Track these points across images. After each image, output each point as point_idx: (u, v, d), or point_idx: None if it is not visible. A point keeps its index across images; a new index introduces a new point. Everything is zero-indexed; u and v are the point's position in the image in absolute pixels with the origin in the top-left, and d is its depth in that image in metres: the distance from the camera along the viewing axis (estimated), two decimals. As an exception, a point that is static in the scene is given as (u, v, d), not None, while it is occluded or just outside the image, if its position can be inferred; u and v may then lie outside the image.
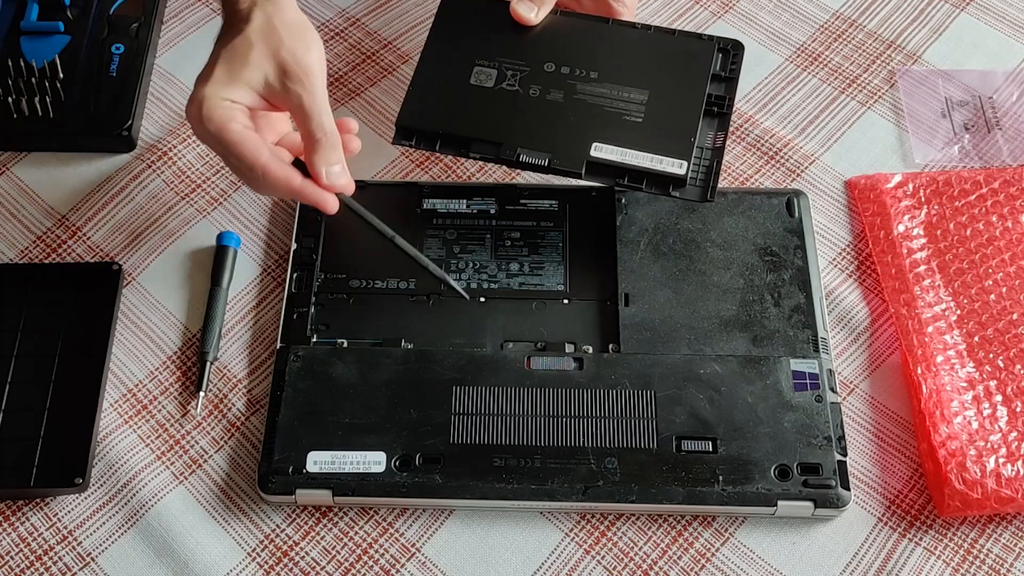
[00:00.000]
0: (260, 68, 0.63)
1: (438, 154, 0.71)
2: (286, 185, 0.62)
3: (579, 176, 0.67)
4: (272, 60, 0.63)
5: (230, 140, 0.61)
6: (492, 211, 0.73)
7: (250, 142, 0.62)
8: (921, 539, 0.62)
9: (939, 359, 0.67)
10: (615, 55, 0.71)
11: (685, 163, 0.67)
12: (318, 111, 0.63)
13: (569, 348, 0.67)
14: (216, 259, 0.72)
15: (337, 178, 0.64)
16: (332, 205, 0.65)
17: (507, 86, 0.69)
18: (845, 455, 0.63)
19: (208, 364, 0.68)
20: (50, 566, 0.61)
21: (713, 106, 0.70)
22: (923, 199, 0.74)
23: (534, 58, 0.71)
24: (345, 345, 0.67)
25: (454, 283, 0.65)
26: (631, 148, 0.67)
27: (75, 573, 0.61)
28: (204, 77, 0.63)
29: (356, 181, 0.73)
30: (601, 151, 0.67)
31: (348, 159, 0.65)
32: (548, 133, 0.68)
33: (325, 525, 0.63)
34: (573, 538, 0.62)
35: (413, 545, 0.62)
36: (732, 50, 0.72)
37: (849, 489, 0.62)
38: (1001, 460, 0.62)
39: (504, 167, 0.76)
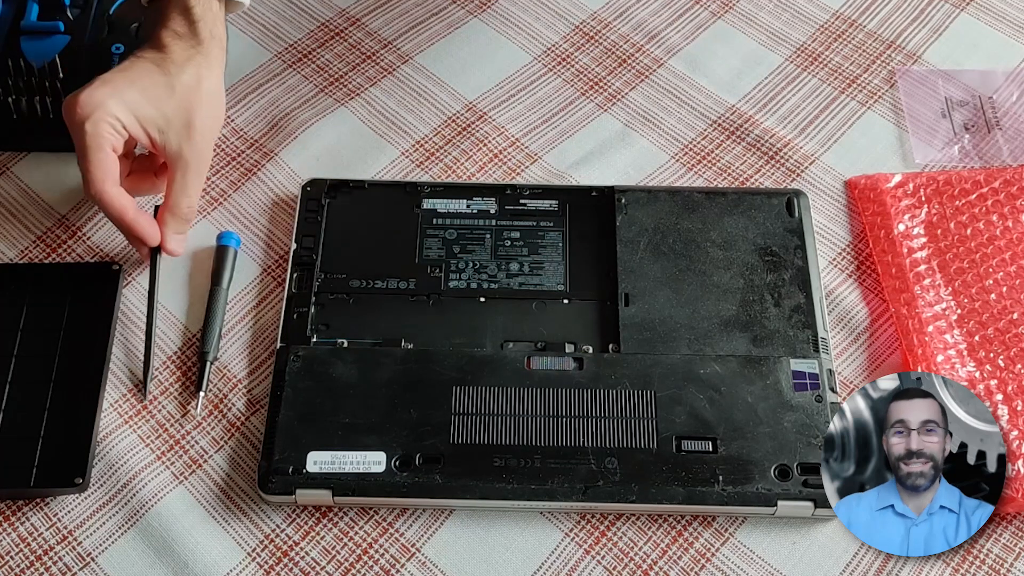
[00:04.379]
0: (167, 120, 0.66)
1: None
2: (119, 214, 0.66)
3: None
4: (182, 119, 0.67)
5: (93, 158, 0.64)
6: (492, 211, 0.73)
7: (104, 167, 0.65)
8: (921, 539, 0.62)
9: (939, 359, 0.67)
10: None
11: None
12: (195, 188, 0.69)
13: (569, 348, 0.67)
14: (216, 259, 0.72)
15: (176, 245, 0.70)
16: (154, 240, 0.68)
17: None
18: (845, 455, 0.63)
19: (208, 364, 0.68)
20: (50, 566, 0.61)
21: None
22: (923, 199, 0.74)
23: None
24: (345, 345, 0.67)
25: None
26: None
27: (75, 573, 0.61)
28: (114, 88, 0.66)
29: (355, 182, 0.74)
30: None
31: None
32: None
33: (325, 525, 0.63)
34: (573, 538, 0.62)
35: (413, 545, 0.62)
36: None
37: (849, 489, 0.62)
38: (1001, 460, 0.62)
39: (506, 169, 0.76)
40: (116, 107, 0.65)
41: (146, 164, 0.71)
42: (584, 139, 0.79)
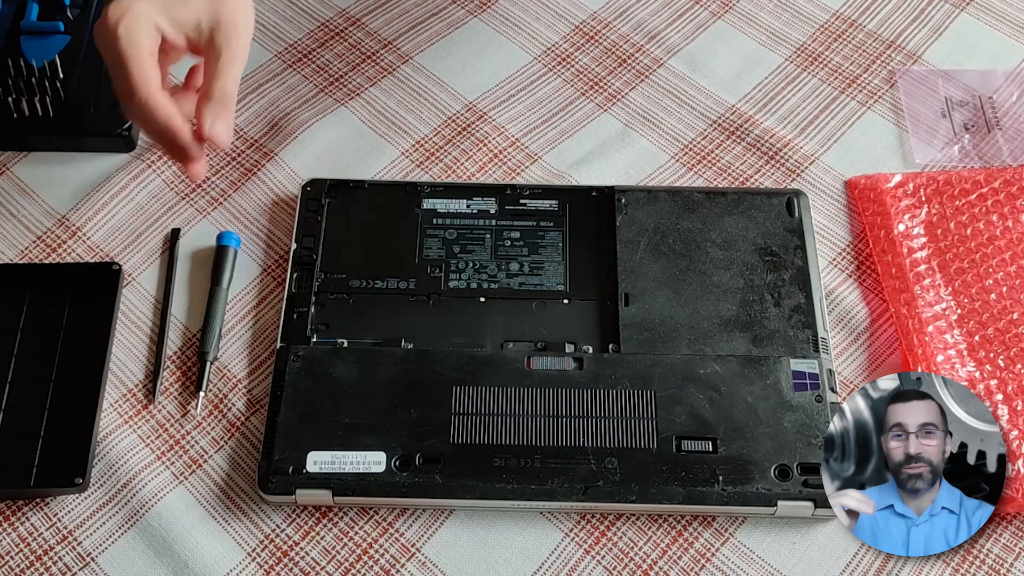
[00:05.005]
0: (198, 13, 0.62)
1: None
2: (165, 119, 0.61)
3: None
4: (212, 9, 0.62)
5: (133, 60, 0.60)
6: (492, 211, 0.73)
7: (146, 70, 0.61)
8: (921, 539, 0.62)
9: (939, 359, 0.67)
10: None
11: None
12: (229, 73, 0.62)
13: (569, 348, 0.67)
14: (216, 259, 0.72)
15: (221, 130, 0.62)
16: (196, 149, 0.63)
17: None
18: (845, 455, 0.63)
19: (208, 364, 0.68)
20: (50, 566, 0.61)
21: None
22: (923, 199, 0.74)
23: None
24: (345, 345, 0.67)
25: None
26: None
27: (75, 573, 0.61)
28: None
29: (355, 182, 0.74)
30: None
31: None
32: None
33: (325, 525, 0.63)
34: (573, 538, 0.62)
35: (413, 545, 0.62)
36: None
37: (849, 489, 0.62)
38: (1001, 460, 0.62)
39: (506, 169, 0.76)
40: (146, 9, 0.62)
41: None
42: (584, 139, 0.79)
